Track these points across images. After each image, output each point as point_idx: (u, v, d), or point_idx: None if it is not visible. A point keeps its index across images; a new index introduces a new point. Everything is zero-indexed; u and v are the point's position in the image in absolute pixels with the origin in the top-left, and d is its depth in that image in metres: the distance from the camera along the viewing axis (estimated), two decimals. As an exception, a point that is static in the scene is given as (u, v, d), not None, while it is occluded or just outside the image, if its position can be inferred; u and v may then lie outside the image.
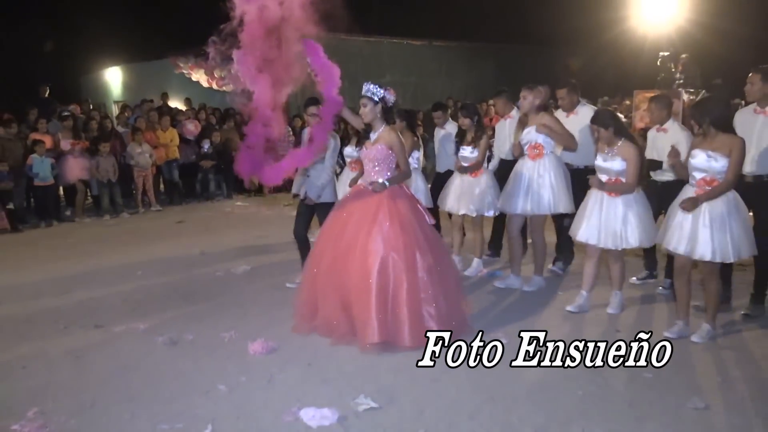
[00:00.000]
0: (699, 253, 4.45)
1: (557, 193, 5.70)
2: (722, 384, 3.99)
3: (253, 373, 4.19)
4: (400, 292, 4.42)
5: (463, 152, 6.26)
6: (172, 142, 11.43)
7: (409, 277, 4.43)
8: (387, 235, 4.48)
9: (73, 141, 10.21)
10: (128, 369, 4.32)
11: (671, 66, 12.34)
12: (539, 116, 5.73)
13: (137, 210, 10.73)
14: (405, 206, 4.66)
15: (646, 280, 6.05)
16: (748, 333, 4.81)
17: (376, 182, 4.71)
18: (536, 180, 5.71)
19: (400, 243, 4.46)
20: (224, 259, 7.29)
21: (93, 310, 5.58)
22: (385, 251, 4.43)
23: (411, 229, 4.57)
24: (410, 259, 4.47)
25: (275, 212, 10.43)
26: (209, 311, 5.48)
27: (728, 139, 4.42)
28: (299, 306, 4.94)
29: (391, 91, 4.83)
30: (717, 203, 4.43)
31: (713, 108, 4.52)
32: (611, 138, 4.99)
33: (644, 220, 5.04)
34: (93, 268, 7.07)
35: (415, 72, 19.31)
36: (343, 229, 4.69)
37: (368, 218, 4.58)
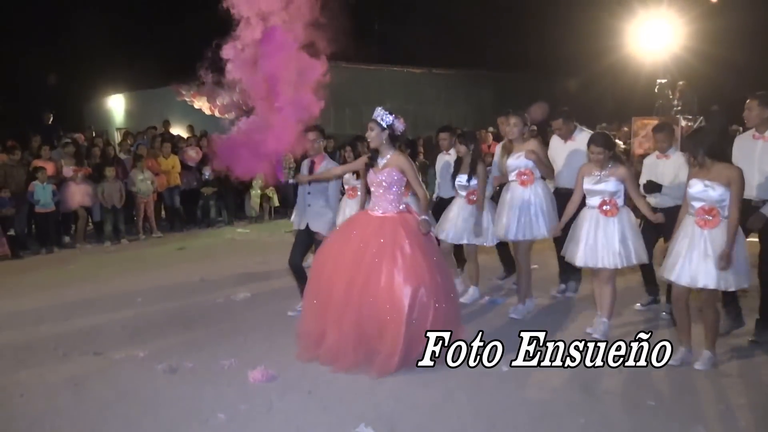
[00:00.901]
0: (702, 282, 4.44)
1: (549, 218, 5.74)
2: (726, 412, 3.96)
3: (253, 402, 4.17)
4: (425, 323, 4.42)
5: (460, 181, 6.22)
6: (174, 168, 11.49)
7: (434, 307, 4.43)
8: (411, 264, 4.45)
9: (75, 167, 10.25)
10: (127, 397, 4.29)
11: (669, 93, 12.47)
12: (527, 143, 5.79)
13: (138, 236, 10.73)
14: (418, 230, 4.64)
15: (650, 305, 6.04)
16: (753, 359, 4.79)
17: (424, 221, 4.67)
18: (529, 206, 5.73)
19: (425, 272, 4.46)
20: (225, 285, 7.28)
21: (93, 337, 5.55)
22: (416, 283, 4.41)
23: (430, 253, 4.59)
24: (435, 288, 4.47)
25: (276, 239, 10.43)
26: (209, 338, 5.46)
27: (725, 169, 4.45)
28: (303, 335, 4.89)
29: (401, 120, 4.83)
30: (717, 233, 4.44)
31: (705, 138, 4.56)
32: (606, 160, 5.06)
33: (637, 238, 5.14)
34: (93, 294, 7.06)
35: (414, 99, 19.48)
36: (358, 258, 4.58)
37: (388, 248, 4.53)
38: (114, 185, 10.40)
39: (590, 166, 5.23)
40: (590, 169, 5.21)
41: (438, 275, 4.53)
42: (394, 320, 4.38)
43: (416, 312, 4.39)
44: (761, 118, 4.99)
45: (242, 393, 4.30)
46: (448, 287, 4.65)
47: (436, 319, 4.43)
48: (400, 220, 4.66)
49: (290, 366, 4.67)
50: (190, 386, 4.44)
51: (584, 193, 5.25)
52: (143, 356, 5.04)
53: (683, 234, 4.58)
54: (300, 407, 4.09)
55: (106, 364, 4.92)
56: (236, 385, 4.42)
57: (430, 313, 4.41)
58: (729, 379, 4.41)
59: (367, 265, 4.52)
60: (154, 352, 5.10)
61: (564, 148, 6.24)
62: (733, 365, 4.66)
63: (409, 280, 4.40)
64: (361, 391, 4.24)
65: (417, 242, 4.56)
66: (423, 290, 4.42)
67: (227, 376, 4.61)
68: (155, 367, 4.78)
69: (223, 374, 4.64)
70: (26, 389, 4.45)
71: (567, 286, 6.50)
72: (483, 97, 20.63)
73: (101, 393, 4.37)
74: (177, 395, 4.30)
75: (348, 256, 4.63)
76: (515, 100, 17.52)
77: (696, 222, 4.51)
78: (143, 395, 4.32)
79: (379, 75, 18.96)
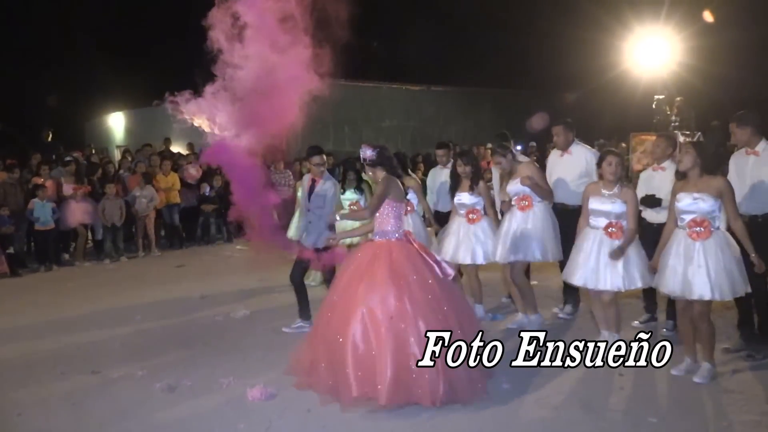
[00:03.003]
0: (697, 293, 4.45)
1: (546, 242, 5.74)
2: (728, 428, 3.93)
3: (252, 420, 4.14)
4: (383, 348, 4.10)
5: (460, 199, 6.21)
6: (173, 186, 11.51)
7: (394, 332, 4.13)
8: (368, 288, 4.26)
9: (75, 186, 10.28)
10: (125, 415, 4.27)
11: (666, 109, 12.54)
12: (523, 167, 5.82)
13: (137, 254, 10.72)
14: (405, 257, 4.45)
15: (648, 323, 6.02)
16: (753, 372, 4.77)
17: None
18: (525, 230, 5.75)
19: (389, 297, 4.20)
20: (224, 303, 7.26)
21: (91, 355, 5.53)
22: (363, 306, 4.20)
23: (405, 281, 4.30)
24: (386, 310, 4.18)
25: (276, 256, 10.40)
26: (208, 356, 5.43)
27: (713, 180, 4.51)
28: (293, 362, 4.75)
29: (366, 146, 4.76)
30: (711, 243, 4.46)
31: (704, 151, 4.62)
32: (616, 180, 5.03)
33: (641, 260, 5.05)
34: (92, 312, 7.03)
35: (413, 117, 19.58)
36: (340, 285, 4.55)
37: (358, 274, 4.42)
38: (114, 203, 10.41)
39: (597, 186, 5.17)
40: (597, 189, 5.16)
41: (409, 301, 4.20)
42: (342, 343, 4.19)
43: (364, 333, 4.16)
44: (745, 137, 5.11)
45: (241, 411, 4.27)
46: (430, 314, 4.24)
47: (398, 343, 4.11)
48: (388, 246, 4.52)
49: (289, 384, 4.63)
50: (188, 405, 4.41)
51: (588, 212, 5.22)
52: (142, 374, 5.01)
53: (676, 247, 4.60)
54: (299, 426, 4.06)
55: (104, 382, 4.90)
56: (235, 404, 4.40)
57: (382, 335, 4.11)
58: (729, 395, 4.39)
59: (340, 291, 4.47)
60: (152, 371, 5.07)
61: (560, 162, 6.27)
62: (733, 380, 4.64)
63: (361, 304, 4.23)
64: (361, 409, 4.21)
65: (390, 266, 4.34)
66: (364, 311, 4.18)
67: (226, 394, 4.58)
68: (154, 385, 4.75)
69: (221, 392, 4.62)
70: (24, 408, 4.42)
71: (563, 307, 6.47)
72: (482, 114, 20.73)
73: (99, 412, 4.34)
74: (175, 414, 4.27)
75: (338, 283, 4.60)
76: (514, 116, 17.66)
77: (689, 234, 4.53)
78: (141, 414, 4.29)
79: (378, 92, 19.06)
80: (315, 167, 5.88)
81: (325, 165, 6.02)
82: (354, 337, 4.16)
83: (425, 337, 4.11)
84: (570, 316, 6.36)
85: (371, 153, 4.72)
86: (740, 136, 5.14)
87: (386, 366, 4.04)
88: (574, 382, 4.63)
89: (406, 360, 4.09)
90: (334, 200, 5.99)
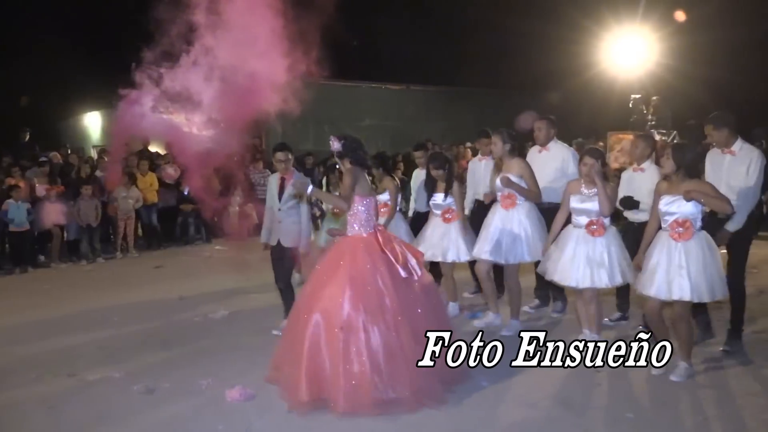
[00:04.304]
0: (677, 294, 4.49)
1: (532, 242, 5.73)
2: (703, 423, 3.99)
3: (231, 421, 4.11)
4: (335, 356, 4.11)
5: (435, 200, 6.26)
6: (151, 186, 11.39)
7: (345, 340, 4.11)
8: (330, 294, 4.24)
9: (48, 186, 10.13)
10: (103, 419, 4.21)
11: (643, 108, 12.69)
12: (513, 162, 5.81)
13: (114, 255, 10.60)
14: (368, 259, 4.40)
15: (619, 321, 6.08)
16: (728, 370, 4.85)
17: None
18: (510, 230, 5.74)
19: (345, 304, 4.17)
20: (203, 304, 7.20)
21: (68, 358, 5.45)
22: (320, 311, 4.20)
23: (366, 284, 4.27)
24: (338, 312, 4.17)
25: (255, 256, 10.32)
26: (187, 358, 5.39)
27: (696, 184, 4.54)
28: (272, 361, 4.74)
29: (335, 138, 4.73)
30: (692, 244, 4.51)
31: (688, 153, 4.65)
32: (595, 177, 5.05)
33: (623, 258, 5.10)
34: (68, 314, 6.93)
35: (393, 116, 19.57)
36: (308, 287, 4.55)
37: (323, 277, 4.41)
38: (90, 203, 10.28)
39: (578, 184, 5.20)
40: (578, 187, 5.19)
41: (362, 305, 4.17)
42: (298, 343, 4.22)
43: (317, 336, 4.17)
44: (722, 137, 5.17)
45: (220, 413, 4.24)
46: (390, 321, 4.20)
47: (351, 348, 4.10)
48: (358, 241, 4.51)
49: (269, 385, 4.60)
50: (167, 407, 4.37)
51: (570, 211, 5.25)
52: (119, 377, 4.95)
53: (659, 248, 4.64)
54: (279, 427, 4.05)
55: (81, 385, 4.83)
56: (214, 405, 4.36)
57: (334, 343, 4.12)
58: (705, 390, 4.46)
59: (310, 294, 4.44)
60: (130, 373, 5.01)
61: (538, 158, 6.27)
62: (708, 376, 4.71)
63: (315, 309, 4.23)
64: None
65: (352, 269, 4.32)
66: (318, 316, 4.19)
67: (205, 395, 4.55)
68: (132, 387, 4.70)
69: (200, 394, 4.58)
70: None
71: (554, 305, 6.50)
72: (461, 114, 20.77)
73: (76, 415, 4.28)
74: (154, 416, 4.23)
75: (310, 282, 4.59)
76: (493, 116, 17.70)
77: (670, 235, 4.57)
78: (119, 416, 4.24)
79: (358, 92, 19.03)
80: (278, 163, 5.81)
81: (288, 161, 5.86)
82: (309, 341, 4.17)
83: (377, 345, 4.11)
84: (533, 311, 6.41)
85: (338, 145, 4.71)
86: (717, 137, 5.19)
87: (339, 375, 4.06)
88: (553, 380, 4.67)
89: (359, 368, 4.07)
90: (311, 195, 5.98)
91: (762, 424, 3.98)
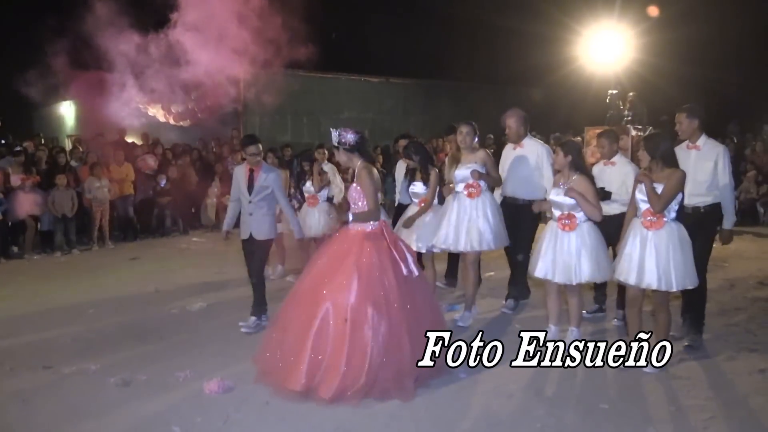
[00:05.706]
0: (646, 281, 4.59)
1: (496, 230, 5.77)
2: (676, 413, 4.08)
3: (209, 414, 4.10)
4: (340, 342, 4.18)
5: (414, 188, 6.25)
6: (127, 177, 11.25)
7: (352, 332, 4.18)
8: (340, 285, 4.28)
9: (23, 176, 9.96)
10: (78, 412, 4.18)
11: (619, 103, 12.81)
12: (476, 153, 5.83)
13: (90, 246, 10.46)
14: (375, 254, 4.42)
15: (596, 314, 6.16)
16: (700, 361, 4.94)
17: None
18: (477, 218, 5.74)
19: (351, 297, 4.23)
20: (180, 296, 7.15)
21: (42, 351, 5.38)
22: (329, 302, 4.25)
23: (372, 280, 4.31)
24: (343, 305, 4.23)
25: (232, 248, 10.28)
26: (163, 350, 5.35)
27: (671, 172, 4.62)
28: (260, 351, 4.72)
29: (346, 130, 4.66)
30: (662, 233, 4.59)
31: (662, 143, 4.72)
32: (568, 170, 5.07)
33: (598, 254, 5.08)
34: (43, 306, 6.84)
35: (372, 108, 19.54)
36: (310, 275, 4.53)
37: (330, 268, 4.42)
38: (65, 194, 10.13)
39: (558, 177, 5.23)
40: (558, 180, 5.21)
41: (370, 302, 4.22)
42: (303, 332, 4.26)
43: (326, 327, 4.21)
44: (691, 129, 5.22)
45: (197, 405, 4.23)
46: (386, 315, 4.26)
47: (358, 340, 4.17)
48: (364, 235, 4.52)
49: (247, 377, 4.60)
50: (143, 400, 4.35)
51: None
52: (95, 369, 4.91)
53: (632, 236, 4.73)
54: (257, 419, 4.05)
55: (56, 378, 4.78)
56: (191, 398, 4.35)
57: (340, 334, 4.18)
58: (678, 381, 4.55)
59: (315, 283, 4.46)
60: (106, 365, 4.97)
61: (512, 155, 6.26)
62: (681, 367, 4.80)
63: (329, 297, 4.27)
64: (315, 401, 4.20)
65: (359, 263, 4.34)
66: (329, 306, 4.24)
67: (182, 388, 4.53)
68: (107, 380, 4.66)
69: (178, 386, 4.56)
70: (-30, 406, 4.29)
71: (506, 302, 6.46)
72: (440, 107, 20.84)
73: (51, 408, 4.24)
74: (130, 409, 4.20)
75: (307, 274, 4.60)
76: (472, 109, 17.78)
77: (642, 224, 4.66)
78: (95, 409, 4.21)
79: (337, 84, 18.97)
80: (251, 157, 5.73)
81: (261, 155, 5.85)
82: (316, 331, 4.20)
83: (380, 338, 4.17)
84: (511, 311, 6.39)
85: (353, 137, 4.59)
86: (687, 126, 5.22)
87: (339, 365, 4.12)
88: (529, 372, 4.72)
89: (359, 360, 4.14)
90: (283, 190, 5.96)
91: (733, 414, 4.08)
